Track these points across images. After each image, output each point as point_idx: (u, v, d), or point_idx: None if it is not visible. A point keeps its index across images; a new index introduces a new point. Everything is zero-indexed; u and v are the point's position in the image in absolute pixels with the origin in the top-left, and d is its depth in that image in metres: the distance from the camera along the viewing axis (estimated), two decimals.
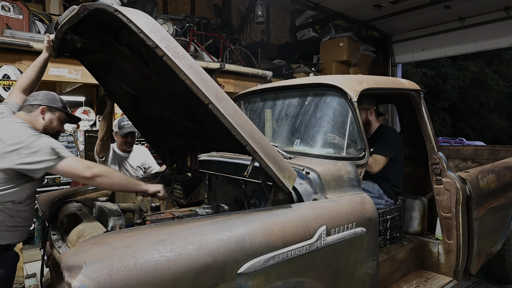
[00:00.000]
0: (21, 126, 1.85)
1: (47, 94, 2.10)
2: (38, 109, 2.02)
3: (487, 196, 3.01)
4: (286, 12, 9.96)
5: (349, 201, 2.08)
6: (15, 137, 1.76)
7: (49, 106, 2.06)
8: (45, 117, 2.04)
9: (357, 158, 2.28)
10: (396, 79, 3.15)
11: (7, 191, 1.78)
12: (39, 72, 2.21)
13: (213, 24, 7.58)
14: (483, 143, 15.98)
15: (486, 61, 23.02)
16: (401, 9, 7.93)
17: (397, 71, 9.97)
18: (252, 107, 3.09)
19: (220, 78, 5.79)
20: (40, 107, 2.03)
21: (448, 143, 14.98)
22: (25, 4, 4.90)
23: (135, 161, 3.54)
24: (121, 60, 2.18)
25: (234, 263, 1.52)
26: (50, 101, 2.07)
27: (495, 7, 7.53)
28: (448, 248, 2.80)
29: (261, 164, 1.77)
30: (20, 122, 1.89)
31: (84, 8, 1.62)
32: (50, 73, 4.06)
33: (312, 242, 1.79)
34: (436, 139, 2.89)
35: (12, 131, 1.80)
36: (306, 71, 7.82)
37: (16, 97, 2.12)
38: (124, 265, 1.29)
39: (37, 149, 1.74)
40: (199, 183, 2.93)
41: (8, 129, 1.81)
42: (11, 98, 2.13)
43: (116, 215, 1.88)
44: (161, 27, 1.60)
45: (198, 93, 1.57)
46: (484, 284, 3.78)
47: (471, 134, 22.52)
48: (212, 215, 1.97)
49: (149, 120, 2.74)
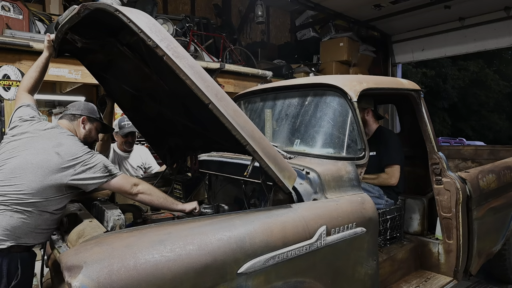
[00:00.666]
0: (75, 141, 1.97)
1: (87, 105, 2.27)
2: (79, 119, 2.18)
3: (487, 196, 3.01)
4: (286, 12, 9.95)
5: (349, 201, 2.08)
6: (72, 152, 1.86)
7: (89, 116, 2.22)
8: (86, 127, 2.21)
9: (357, 158, 2.28)
10: (396, 79, 3.15)
11: (51, 200, 1.84)
12: (41, 72, 2.24)
13: (213, 24, 7.58)
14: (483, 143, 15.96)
15: (486, 61, 23.02)
16: (401, 9, 7.94)
17: (397, 71, 9.98)
18: (252, 107, 3.09)
19: (220, 78, 5.79)
20: (82, 117, 2.19)
21: (448, 143, 14.97)
22: (25, 4, 4.90)
23: (135, 161, 3.54)
24: (121, 60, 2.18)
25: (234, 263, 1.52)
26: (90, 111, 2.24)
27: (495, 7, 7.53)
28: (448, 248, 2.80)
29: (261, 164, 1.77)
30: (72, 136, 2.00)
31: (85, 8, 1.62)
32: (50, 73, 4.05)
33: (312, 242, 1.79)
34: (436, 139, 2.89)
35: (68, 146, 1.89)
36: (306, 71, 7.82)
37: (27, 98, 2.16)
38: (124, 265, 1.29)
39: (92, 165, 1.87)
40: (199, 183, 2.93)
41: (64, 144, 1.89)
42: (23, 100, 2.15)
43: (116, 215, 1.88)
44: (161, 27, 1.60)
45: (198, 93, 1.57)
46: (484, 284, 3.78)
47: (471, 134, 22.51)
48: (212, 215, 1.97)
49: (149, 120, 2.74)
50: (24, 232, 1.79)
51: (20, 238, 1.79)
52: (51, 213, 1.87)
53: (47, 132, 1.95)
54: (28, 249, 1.87)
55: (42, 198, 1.79)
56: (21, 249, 1.81)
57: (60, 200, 1.87)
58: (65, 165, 1.82)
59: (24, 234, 1.80)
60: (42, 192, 1.79)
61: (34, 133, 1.93)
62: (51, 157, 1.82)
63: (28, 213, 1.78)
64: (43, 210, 1.82)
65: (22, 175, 1.78)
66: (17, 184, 1.76)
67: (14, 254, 1.78)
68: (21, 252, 1.82)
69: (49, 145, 1.86)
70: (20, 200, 1.75)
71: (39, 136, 1.92)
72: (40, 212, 1.82)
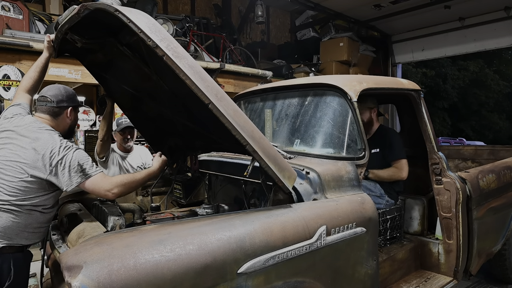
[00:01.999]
0: (52, 135, 1.87)
1: (66, 92, 2.09)
2: (65, 111, 2.06)
3: (487, 196, 3.01)
4: (286, 12, 9.96)
5: (349, 201, 2.08)
6: (48, 148, 1.79)
7: (74, 105, 2.12)
8: (71, 116, 2.11)
9: (357, 158, 2.27)
10: (396, 79, 3.15)
11: (39, 198, 1.82)
12: (41, 72, 2.23)
13: (213, 24, 7.58)
14: (483, 143, 15.96)
15: (486, 61, 23.01)
16: (401, 9, 7.94)
17: (397, 71, 9.98)
18: (252, 107, 3.09)
19: (220, 78, 5.79)
20: (68, 109, 2.07)
21: (448, 143, 14.97)
22: (25, 4, 4.90)
23: (135, 161, 3.54)
24: (121, 60, 2.18)
25: (234, 263, 1.52)
26: (72, 100, 2.11)
27: (495, 7, 7.53)
28: (448, 248, 2.80)
29: (261, 164, 1.77)
30: (49, 130, 1.91)
31: (85, 8, 1.62)
32: (50, 73, 4.06)
33: (312, 242, 1.79)
34: (436, 139, 2.89)
35: (45, 141, 1.82)
36: (306, 71, 7.82)
37: (23, 98, 2.14)
38: (124, 265, 1.29)
39: (67, 164, 1.78)
40: (199, 183, 2.93)
41: (41, 138, 1.83)
42: (17, 99, 2.14)
43: (116, 215, 1.88)
44: (161, 27, 1.60)
45: (198, 93, 1.57)
46: (484, 284, 3.78)
47: (471, 134, 22.51)
48: (212, 215, 1.97)
49: (149, 120, 2.74)
50: (15, 232, 1.78)
51: (11, 238, 1.78)
52: (40, 212, 1.85)
53: (25, 128, 1.89)
54: (22, 249, 1.86)
55: (26, 196, 1.77)
56: (14, 249, 1.80)
57: (46, 197, 1.84)
58: (41, 160, 1.77)
59: (15, 234, 1.78)
60: (25, 190, 1.77)
61: (13, 130, 1.89)
62: (28, 153, 1.78)
63: (17, 212, 1.77)
64: (31, 209, 1.81)
65: (1, 174, 1.76)
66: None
67: (7, 255, 1.77)
68: (14, 253, 1.80)
69: (26, 141, 1.82)
70: (5, 199, 1.74)
71: (17, 133, 1.87)
72: (29, 211, 1.80)
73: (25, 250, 1.89)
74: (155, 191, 2.84)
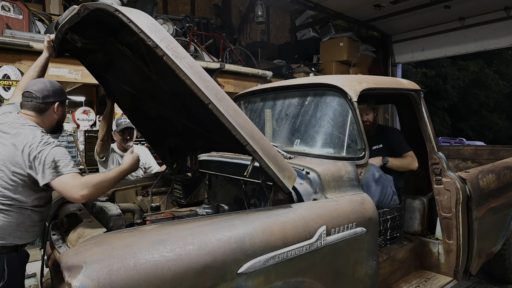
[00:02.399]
0: (33, 131, 1.82)
1: (52, 87, 2.00)
2: (51, 107, 1.98)
3: (487, 196, 3.01)
4: (286, 12, 9.96)
5: (349, 201, 2.08)
6: (27, 143, 1.75)
7: (61, 100, 2.03)
8: (58, 111, 2.03)
9: (357, 158, 2.28)
10: (396, 79, 3.16)
11: (27, 196, 1.80)
12: (40, 72, 2.23)
13: (213, 24, 7.58)
14: (483, 143, 15.96)
15: (486, 61, 23.00)
16: (401, 9, 7.93)
17: (397, 71, 9.98)
18: (252, 107, 3.09)
19: (220, 78, 5.79)
20: (54, 104, 1.99)
21: (448, 143, 14.96)
22: (25, 4, 4.90)
23: None
24: (121, 60, 2.18)
25: (234, 263, 1.52)
26: (59, 94, 2.02)
27: (495, 7, 7.53)
28: (448, 248, 2.80)
29: (261, 164, 1.77)
30: (31, 126, 1.86)
31: (85, 8, 1.62)
32: (50, 73, 4.06)
33: (312, 242, 1.79)
34: (436, 139, 2.89)
35: (24, 136, 1.78)
36: (306, 71, 7.82)
37: (17, 97, 2.12)
38: (124, 265, 1.29)
39: (43, 159, 1.71)
40: (199, 183, 2.93)
41: (21, 133, 1.80)
42: (15, 99, 2.13)
43: (116, 215, 1.87)
44: (161, 27, 1.60)
45: (198, 93, 1.57)
46: (484, 284, 3.78)
47: (471, 134, 22.50)
48: (212, 215, 1.97)
49: (149, 120, 2.74)
50: (7, 232, 1.77)
51: (4, 238, 1.77)
52: (32, 210, 1.83)
53: (8, 125, 1.86)
54: (16, 249, 1.84)
55: (13, 194, 1.76)
56: (7, 249, 1.79)
57: (35, 196, 1.82)
58: (20, 156, 1.74)
59: (7, 234, 1.77)
60: (10, 188, 1.76)
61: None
62: (8, 149, 1.77)
63: (7, 211, 1.76)
64: (21, 207, 1.79)
65: None
66: None
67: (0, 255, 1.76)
68: (8, 253, 1.79)
69: (7, 137, 1.80)
70: None
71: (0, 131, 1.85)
72: (19, 209, 1.79)
73: (19, 250, 1.87)
74: (155, 191, 2.84)
